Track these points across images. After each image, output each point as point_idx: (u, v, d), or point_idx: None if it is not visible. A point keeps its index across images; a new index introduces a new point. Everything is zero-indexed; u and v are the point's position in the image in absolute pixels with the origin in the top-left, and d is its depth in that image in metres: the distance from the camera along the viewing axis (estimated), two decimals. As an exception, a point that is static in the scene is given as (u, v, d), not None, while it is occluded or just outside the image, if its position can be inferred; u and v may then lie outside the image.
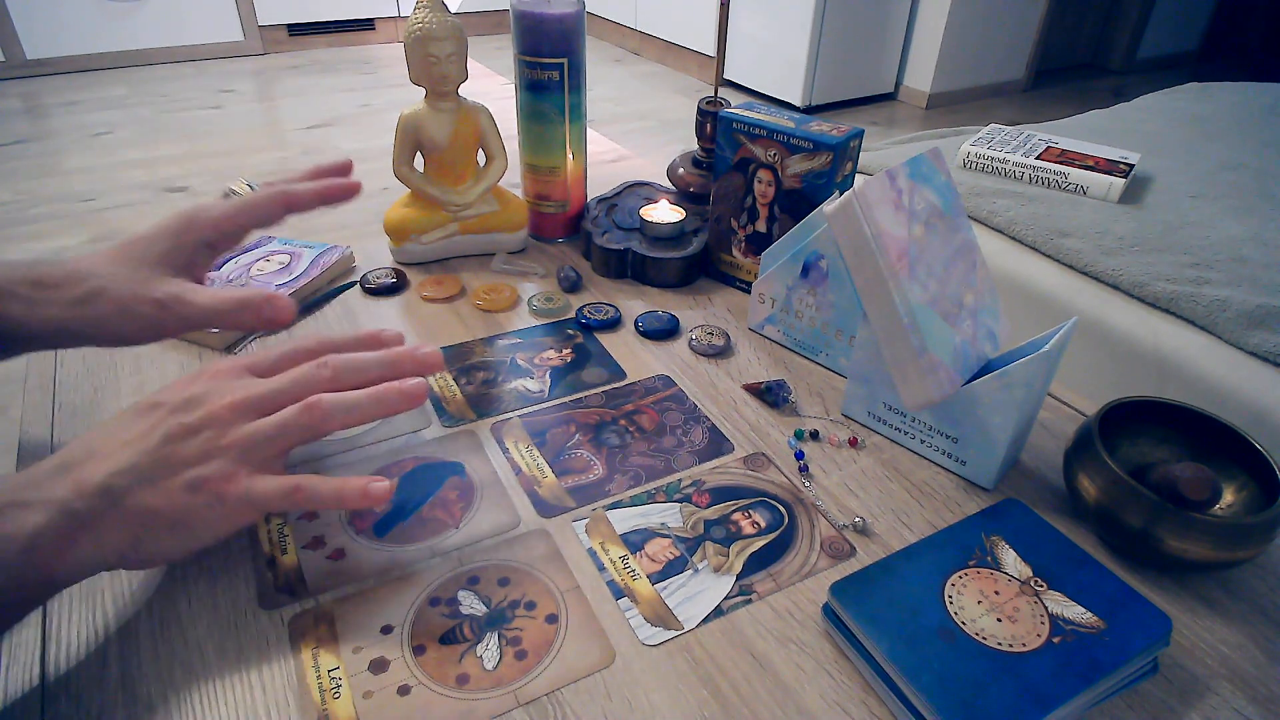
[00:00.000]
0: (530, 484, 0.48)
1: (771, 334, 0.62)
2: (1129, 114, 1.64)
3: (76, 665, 0.36)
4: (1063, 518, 0.46)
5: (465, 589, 0.41)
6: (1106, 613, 0.37)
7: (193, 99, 3.05)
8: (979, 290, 0.50)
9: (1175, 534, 0.40)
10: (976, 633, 0.36)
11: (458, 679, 0.36)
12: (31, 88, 3.10)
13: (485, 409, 0.53)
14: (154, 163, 2.47)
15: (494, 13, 4.21)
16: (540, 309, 0.64)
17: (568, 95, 0.67)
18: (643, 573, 0.42)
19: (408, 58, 0.63)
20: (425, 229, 0.68)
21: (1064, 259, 1.06)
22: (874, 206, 0.44)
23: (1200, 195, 1.20)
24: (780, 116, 0.61)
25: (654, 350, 0.60)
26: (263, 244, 0.69)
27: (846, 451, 0.51)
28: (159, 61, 3.46)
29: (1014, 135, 1.35)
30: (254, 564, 0.42)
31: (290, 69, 3.49)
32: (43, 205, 2.18)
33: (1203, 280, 0.97)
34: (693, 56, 3.66)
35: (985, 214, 1.16)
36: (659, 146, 2.83)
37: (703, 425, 0.53)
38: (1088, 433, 0.45)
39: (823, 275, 0.56)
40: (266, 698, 0.35)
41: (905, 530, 0.45)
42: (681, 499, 0.47)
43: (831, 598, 0.38)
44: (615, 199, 0.76)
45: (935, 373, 0.45)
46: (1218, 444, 0.45)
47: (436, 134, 0.65)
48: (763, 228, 0.64)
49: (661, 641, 0.38)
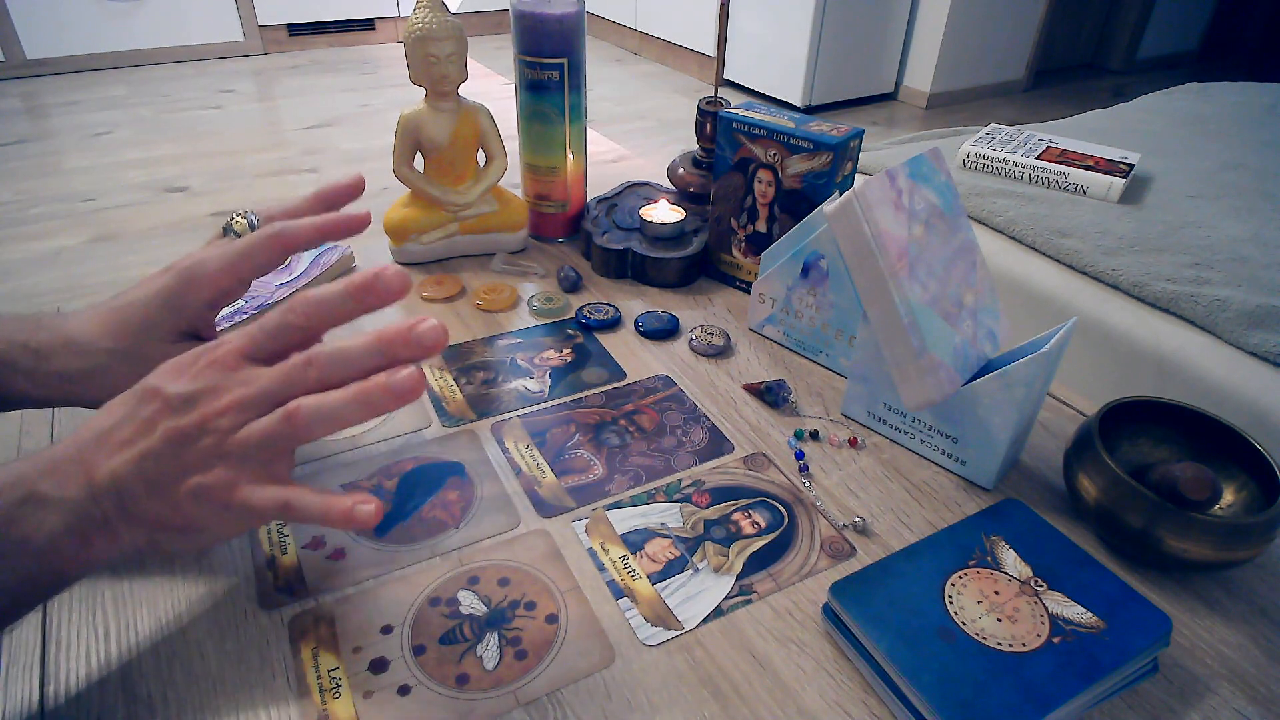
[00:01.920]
0: (530, 484, 0.48)
1: (771, 334, 0.62)
2: (1129, 114, 1.64)
3: (76, 665, 0.36)
4: (1063, 518, 0.46)
5: (465, 589, 0.41)
6: (1106, 613, 0.37)
7: (193, 99, 3.05)
8: (979, 290, 0.50)
9: (1175, 534, 0.40)
10: (976, 633, 0.36)
11: (458, 679, 0.36)
12: (31, 88, 3.10)
13: (485, 409, 0.53)
14: (154, 163, 2.47)
15: (494, 13, 4.21)
16: (540, 309, 0.64)
17: (568, 95, 0.67)
18: (643, 573, 0.42)
19: (408, 58, 0.63)
20: (425, 229, 0.68)
21: (1064, 259, 1.06)
22: (874, 206, 0.44)
23: (1200, 195, 1.20)
24: (780, 116, 0.61)
25: (654, 350, 0.60)
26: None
27: (846, 451, 0.51)
28: (159, 61, 3.46)
29: (1014, 135, 1.35)
30: (254, 564, 0.42)
31: (290, 69, 3.49)
32: (43, 205, 2.18)
33: (1203, 280, 0.97)
34: (693, 56, 3.66)
35: (985, 214, 1.16)
36: (659, 146, 2.83)
37: (703, 425, 0.53)
38: (1088, 433, 0.45)
39: (823, 275, 0.56)
40: (266, 698, 0.35)
41: (905, 530, 0.45)
42: (681, 499, 0.47)
43: (831, 598, 0.38)
44: (615, 199, 0.76)
45: (935, 373, 0.45)
46: (1218, 444, 0.45)
47: (436, 134, 0.65)
48: (763, 228, 0.64)
49: (661, 641, 0.38)
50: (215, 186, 2.32)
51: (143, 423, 0.35)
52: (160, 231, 2.07)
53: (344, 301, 0.36)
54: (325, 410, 0.34)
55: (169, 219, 2.13)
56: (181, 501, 0.34)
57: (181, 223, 2.11)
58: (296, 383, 0.35)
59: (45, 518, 0.32)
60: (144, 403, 0.35)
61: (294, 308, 0.36)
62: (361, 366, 0.35)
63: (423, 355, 0.35)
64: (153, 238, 2.03)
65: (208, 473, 0.34)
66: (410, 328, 0.35)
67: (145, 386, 0.36)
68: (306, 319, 0.36)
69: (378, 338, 0.35)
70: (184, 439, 0.34)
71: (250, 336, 0.36)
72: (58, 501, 0.33)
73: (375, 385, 0.34)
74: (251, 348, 0.36)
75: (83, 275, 1.86)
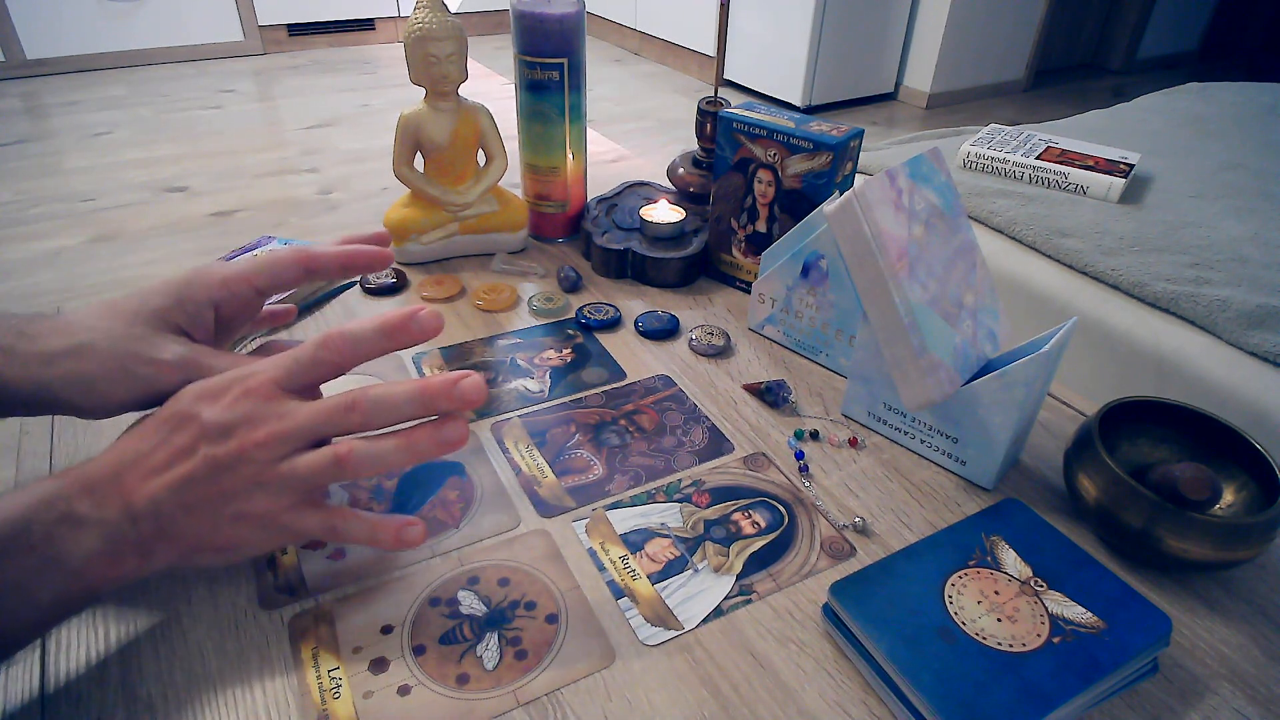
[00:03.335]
0: (530, 484, 0.48)
1: (771, 334, 0.62)
2: (1129, 114, 1.64)
3: (76, 666, 0.36)
4: (1063, 518, 0.46)
5: (465, 589, 0.41)
6: (1106, 613, 0.37)
7: (193, 99, 3.05)
8: (979, 290, 0.50)
9: (1175, 534, 0.40)
10: (976, 633, 0.36)
11: (458, 679, 0.36)
12: (31, 88, 3.10)
13: (485, 409, 0.53)
14: (154, 163, 2.47)
15: (494, 13, 4.21)
16: (540, 309, 0.64)
17: (568, 95, 0.67)
18: (643, 573, 0.42)
19: (408, 58, 0.63)
20: (425, 229, 0.68)
21: (1064, 259, 1.06)
22: (874, 206, 0.44)
23: (1200, 195, 1.21)
24: (780, 116, 0.61)
25: (654, 350, 0.60)
26: (263, 244, 0.69)
27: (846, 451, 0.51)
28: (159, 61, 3.46)
29: (1014, 135, 1.35)
30: (254, 564, 0.42)
31: (290, 69, 3.49)
32: (43, 205, 2.18)
33: (1203, 280, 0.98)
34: (693, 56, 3.66)
35: (985, 214, 1.16)
36: (659, 146, 2.83)
37: (703, 425, 0.53)
38: (1088, 433, 0.45)
39: (823, 275, 0.56)
40: (266, 698, 0.35)
41: (905, 530, 0.45)
42: (681, 499, 0.47)
43: (831, 598, 0.38)
44: (615, 199, 0.76)
45: (935, 373, 0.45)
46: (1218, 444, 0.45)
47: (436, 134, 0.65)
48: (763, 228, 0.64)
49: (661, 641, 0.38)
50: (215, 186, 2.32)
51: (180, 449, 0.35)
52: (160, 231, 2.07)
53: (377, 339, 0.37)
54: (374, 455, 0.36)
55: (169, 219, 2.13)
56: (222, 525, 0.35)
57: (181, 223, 2.11)
58: (337, 425, 0.36)
59: (81, 537, 0.33)
60: (179, 428, 0.35)
61: (328, 344, 0.37)
62: (402, 414, 0.36)
63: (462, 408, 0.37)
64: (152, 238, 2.03)
65: (250, 500, 0.35)
66: (454, 382, 0.36)
67: (178, 411, 0.36)
68: (339, 355, 0.37)
69: (421, 390, 0.36)
70: (223, 467, 0.34)
71: (284, 368, 0.37)
72: (96, 522, 0.33)
73: (424, 435, 0.36)
74: (286, 378, 0.37)
75: (83, 275, 1.86)
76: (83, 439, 0.49)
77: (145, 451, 0.35)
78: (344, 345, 0.37)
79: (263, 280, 0.43)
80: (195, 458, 0.34)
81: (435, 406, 0.36)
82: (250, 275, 0.43)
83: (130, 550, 0.34)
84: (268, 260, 0.43)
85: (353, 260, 0.45)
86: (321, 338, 0.37)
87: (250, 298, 0.44)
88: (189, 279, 0.42)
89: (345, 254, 0.44)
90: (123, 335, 0.39)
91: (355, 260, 0.45)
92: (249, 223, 2.11)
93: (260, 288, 0.43)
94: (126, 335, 0.39)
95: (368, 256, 0.45)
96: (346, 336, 0.37)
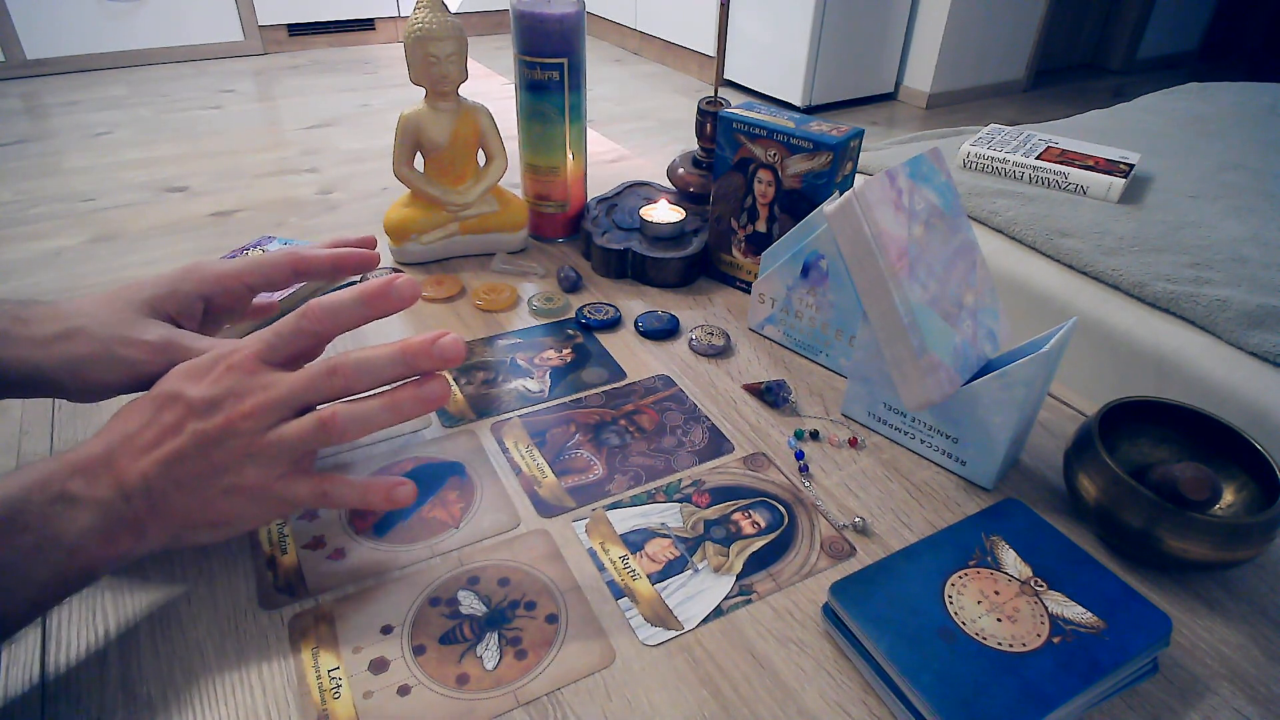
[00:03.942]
0: (530, 484, 0.48)
1: (771, 334, 0.62)
2: (1129, 114, 1.64)
3: (76, 665, 0.36)
4: (1063, 518, 0.46)
5: (465, 589, 0.41)
6: (1106, 613, 0.37)
7: (193, 99, 3.05)
8: (979, 290, 0.50)
9: (1175, 534, 0.40)
10: (976, 633, 0.36)
11: (458, 679, 0.36)
12: (31, 88, 3.10)
13: (485, 409, 0.53)
14: (154, 163, 2.47)
15: (494, 13, 4.21)
16: (540, 309, 0.64)
17: (568, 95, 0.67)
18: (643, 573, 0.42)
19: (408, 58, 0.63)
20: (425, 229, 0.68)
21: (1064, 259, 1.06)
22: (874, 206, 0.44)
23: (1200, 195, 1.20)
24: (780, 116, 0.61)
25: (654, 350, 0.60)
26: (263, 244, 0.69)
27: (846, 451, 0.51)
28: (159, 61, 3.46)
29: (1014, 135, 1.35)
30: (254, 564, 0.42)
31: (290, 69, 3.49)
32: (43, 205, 2.18)
33: (1203, 280, 0.97)
34: (693, 56, 3.66)
35: (985, 214, 1.16)
36: (659, 146, 2.83)
37: (703, 425, 0.53)
38: (1088, 433, 0.45)
39: (823, 275, 0.56)
40: (266, 698, 0.35)
41: (905, 530, 0.45)
42: (681, 499, 0.47)
43: (831, 598, 0.38)
44: (615, 199, 0.76)
45: (935, 373, 0.45)
46: (1218, 444, 0.45)
47: (436, 134, 0.65)
48: (763, 228, 0.64)
49: (661, 641, 0.38)
50: (215, 186, 2.32)
51: (168, 426, 0.36)
52: (160, 231, 2.07)
53: (356, 308, 0.38)
54: (358, 416, 0.37)
55: (169, 219, 2.13)
56: (214, 499, 0.36)
57: (181, 223, 2.11)
58: (322, 390, 0.37)
59: (76, 516, 0.33)
60: (166, 407, 0.36)
61: (309, 314, 0.38)
62: (384, 376, 0.37)
63: (443, 367, 0.38)
64: (152, 237, 2.03)
65: (240, 472, 0.36)
66: (433, 341, 0.37)
67: (165, 391, 0.37)
68: (320, 325, 0.38)
69: (402, 350, 0.37)
70: (211, 441, 0.35)
71: (265, 341, 0.38)
72: (90, 501, 0.34)
73: (406, 393, 0.37)
74: (267, 352, 0.38)
75: (83, 275, 1.86)
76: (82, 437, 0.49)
77: (135, 431, 0.36)
78: (324, 315, 0.38)
79: (254, 278, 0.45)
80: (184, 434, 0.35)
81: (416, 366, 0.37)
82: (242, 272, 0.45)
83: (124, 528, 0.34)
84: (259, 259, 0.45)
85: (343, 261, 0.47)
86: (302, 309, 0.38)
87: (240, 293, 0.45)
88: (183, 272, 0.44)
89: (335, 255, 0.46)
90: (111, 320, 0.40)
91: (345, 261, 0.47)
92: (249, 223, 2.11)
93: (251, 285, 0.45)
94: (115, 320, 0.40)
95: (357, 258, 0.47)
96: (326, 306, 0.38)
